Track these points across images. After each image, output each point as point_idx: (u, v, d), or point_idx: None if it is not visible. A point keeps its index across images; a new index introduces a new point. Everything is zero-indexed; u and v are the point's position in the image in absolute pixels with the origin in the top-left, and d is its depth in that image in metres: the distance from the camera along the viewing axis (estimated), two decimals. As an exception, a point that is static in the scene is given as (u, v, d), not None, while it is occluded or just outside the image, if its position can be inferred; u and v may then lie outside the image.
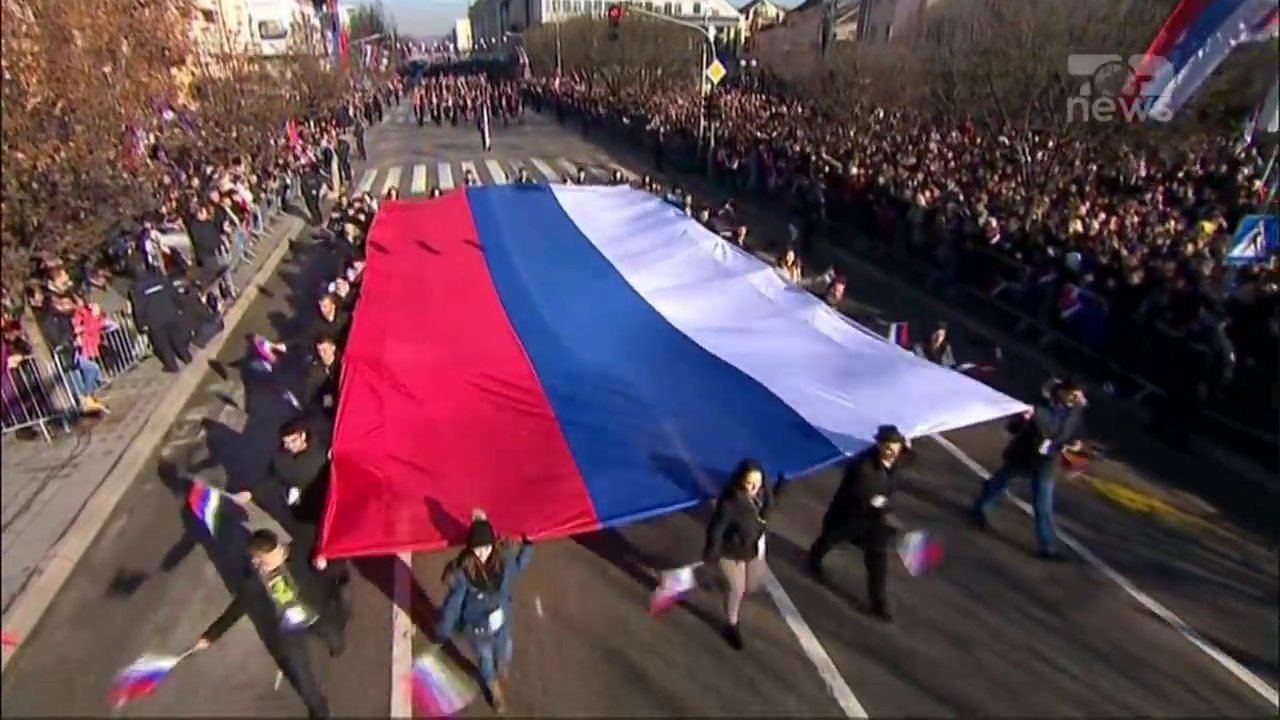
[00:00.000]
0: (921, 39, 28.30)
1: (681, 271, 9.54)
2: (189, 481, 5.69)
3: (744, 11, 78.13)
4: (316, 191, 18.74)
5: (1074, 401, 6.08)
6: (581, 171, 18.02)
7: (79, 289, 9.37)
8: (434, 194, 15.46)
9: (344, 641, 5.28)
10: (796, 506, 6.25)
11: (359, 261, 10.02)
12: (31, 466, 7.69)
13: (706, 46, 23.86)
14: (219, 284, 12.43)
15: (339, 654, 5.25)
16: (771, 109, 30.37)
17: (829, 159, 18.19)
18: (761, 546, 5.18)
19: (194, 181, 16.10)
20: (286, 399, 7.17)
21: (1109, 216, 12.19)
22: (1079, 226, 11.47)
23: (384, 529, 4.93)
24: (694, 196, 13.99)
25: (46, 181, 7.70)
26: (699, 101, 24.54)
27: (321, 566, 4.65)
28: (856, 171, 16.47)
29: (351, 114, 33.87)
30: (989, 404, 6.04)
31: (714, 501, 5.09)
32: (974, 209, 12.79)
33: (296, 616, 4.44)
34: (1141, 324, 8.82)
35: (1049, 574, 6.22)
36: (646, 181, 15.58)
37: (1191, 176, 15.50)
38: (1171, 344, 8.28)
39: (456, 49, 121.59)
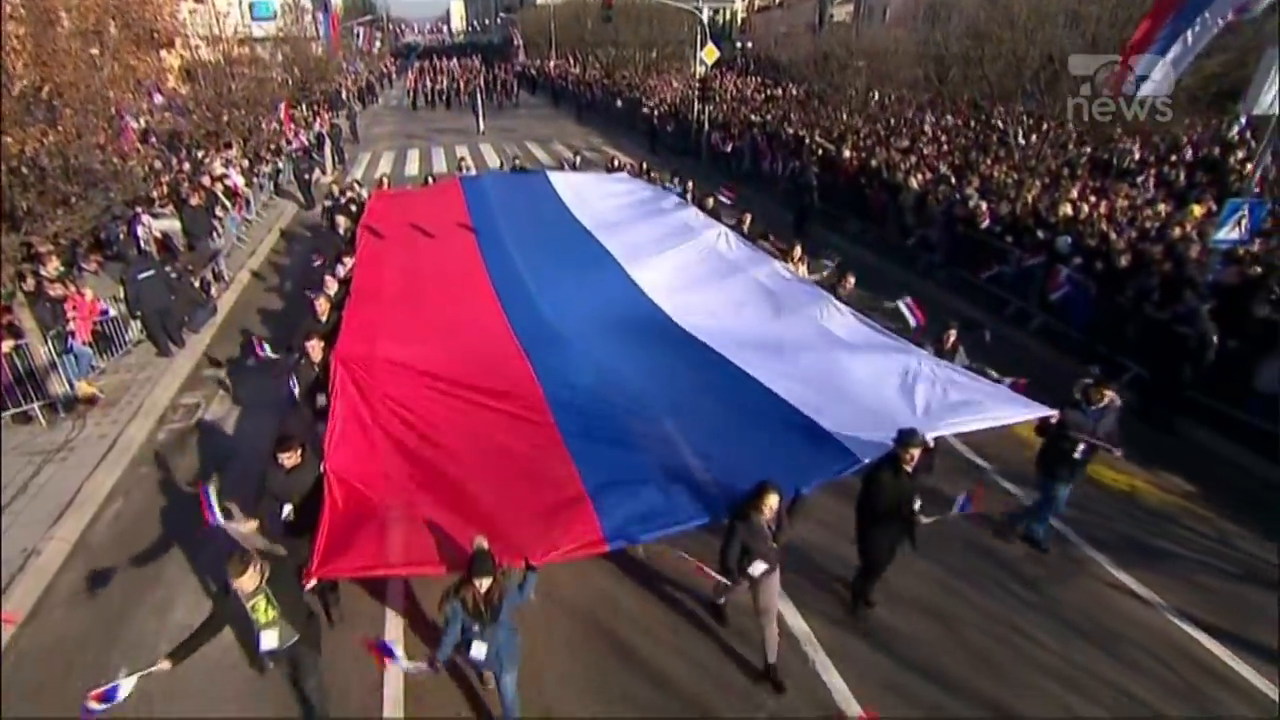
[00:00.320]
0: (918, 21, 28.08)
1: (684, 264, 9.15)
2: (195, 493, 5.40)
3: (741, -8, 77.23)
4: (309, 176, 18.66)
5: (1107, 400, 5.83)
6: (577, 156, 17.90)
7: (71, 274, 9.36)
8: (427, 181, 15.15)
9: (320, 673, 4.72)
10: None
11: (349, 257, 9.65)
12: (27, 450, 7.76)
13: (701, 28, 23.71)
14: (212, 269, 12.43)
15: (315, 684, 4.69)
16: (767, 92, 30.20)
17: (822, 142, 18.15)
18: (757, 569, 4.80)
19: (185, 166, 16.02)
20: (290, 388, 6.90)
21: (1099, 200, 12.24)
22: (1069, 210, 11.51)
23: (378, 551, 4.68)
24: (694, 183, 13.81)
25: (35, 166, 7.70)
26: (694, 84, 24.39)
27: (311, 587, 4.45)
28: (849, 155, 16.45)
29: (344, 97, 33.59)
30: (1012, 406, 5.76)
31: (725, 521, 4.82)
32: (963, 192, 12.82)
33: (271, 641, 4.22)
34: (1127, 307, 8.90)
35: (1030, 552, 6.35)
36: (644, 168, 15.37)
37: (1184, 160, 15.53)
38: (1156, 326, 8.37)
39: (450, 31, 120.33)
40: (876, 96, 23.16)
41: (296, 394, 6.89)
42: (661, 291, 8.41)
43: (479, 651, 4.28)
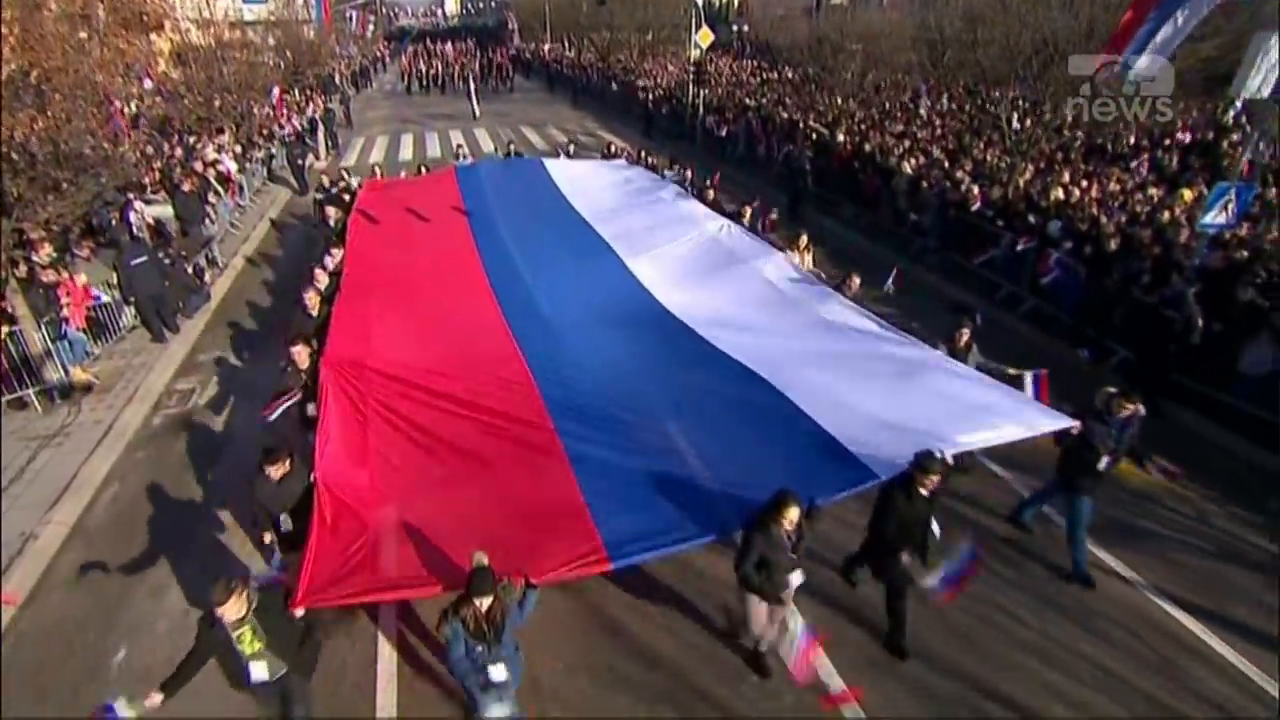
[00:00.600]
0: (914, 4, 27.85)
1: (685, 257, 8.88)
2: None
3: (738, -26, 76.33)
4: (302, 161, 18.59)
5: (1130, 412, 5.65)
6: (571, 143, 17.76)
7: (63, 260, 9.37)
8: (420, 170, 14.85)
9: (310, 701, 4.44)
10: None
11: (337, 249, 9.40)
12: (24, 436, 7.83)
13: (696, 11, 23.52)
14: (205, 255, 12.44)
15: (304, 715, 4.41)
16: (762, 75, 30.01)
17: (816, 126, 18.10)
18: (795, 580, 4.66)
19: (177, 152, 15.95)
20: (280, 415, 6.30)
21: (1091, 184, 12.27)
22: (1061, 194, 11.54)
23: (370, 573, 4.40)
24: (693, 171, 13.70)
25: (25, 152, 7.69)
26: (689, 68, 24.25)
27: (299, 615, 4.13)
28: (843, 139, 16.43)
29: (338, 82, 33.30)
30: (1032, 417, 5.52)
31: (741, 533, 4.61)
32: (954, 177, 12.84)
33: (260, 672, 3.98)
34: (1115, 290, 8.97)
35: (1012, 532, 6.45)
36: (642, 156, 15.19)
37: (1178, 145, 15.52)
38: (1143, 310, 8.44)
39: (445, 14, 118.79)
40: (872, 78, 23.02)
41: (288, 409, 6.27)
42: (661, 286, 8.20)
43: (500, 674, 4.09)
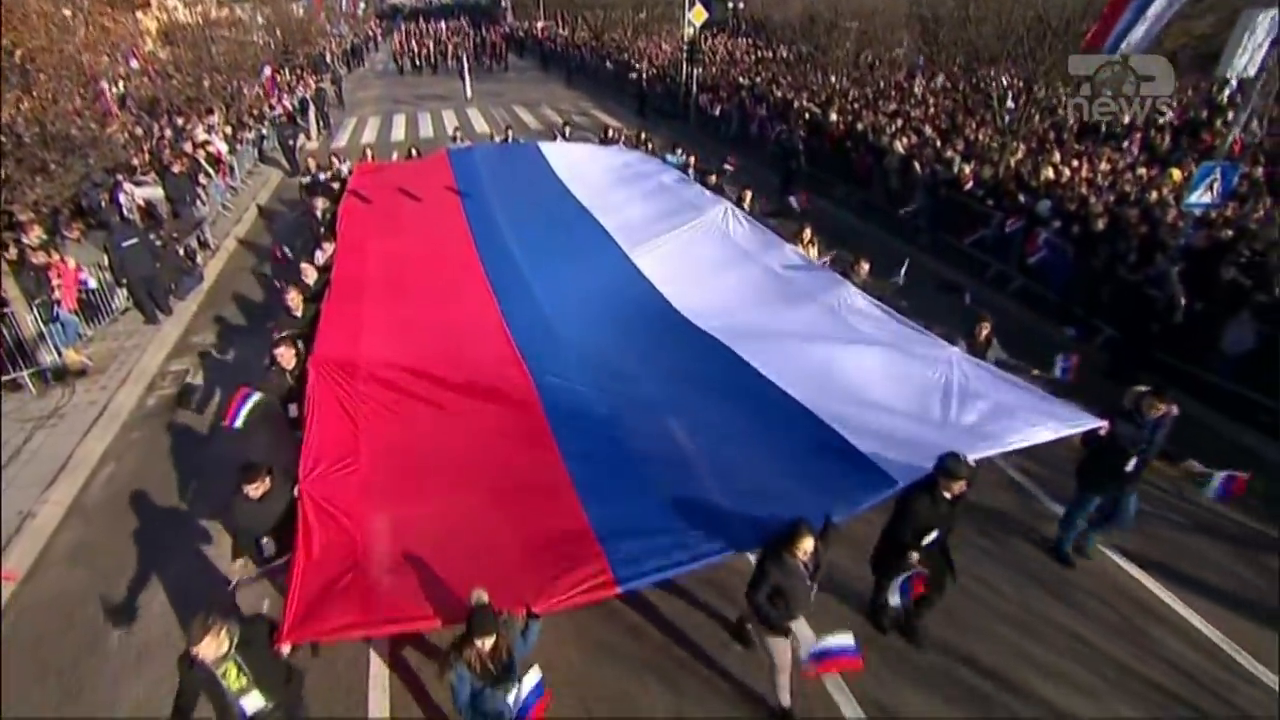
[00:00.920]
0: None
1: (688, 247, 8.54)
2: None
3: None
4: (294, 141, 18.43)
5: (1163, 413, 5.36)
6: (567, 125, 17.41)
7: (53, 242, 9.37)
8: (411, 153, 14.32)
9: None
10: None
11: (328, 243, 8.94)
12: (19, 417, 7.90)
13: (690, -12, 23.21)
14: (197, 236, 12.44)
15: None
16: (756, 54, 29.77)
17: (809, 106, 18.02)
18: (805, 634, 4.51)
19: (167, 133, 15.83)
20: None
21: (1081, 163, 12.30)
22: (1051, 174, 11.57)
23: (360, 604, 4.09)
24: (696, 157, 13.57)
25: (11, 133, 7.67)
26: (683, 46, 24.02)
27: (285, 653, 3.89)
28: (835, 118, 16.38)
29: (329, 61, 32.94)
30: (1058, 418, 5.23)
31: (754, 558, 4.43)
32: (944, 156, 12.85)
33: (255, 701, 3.78)
34: (1101, 269, 9.05)
35: (994, 508, 6.58)
36: (641, 139, 14.91)
37: (1170, 124, 15.53)
38: (1128, 288, 8.53)
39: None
40: (866, 57, 22.88)
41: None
42: (664, 278, 7.90)
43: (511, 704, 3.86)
